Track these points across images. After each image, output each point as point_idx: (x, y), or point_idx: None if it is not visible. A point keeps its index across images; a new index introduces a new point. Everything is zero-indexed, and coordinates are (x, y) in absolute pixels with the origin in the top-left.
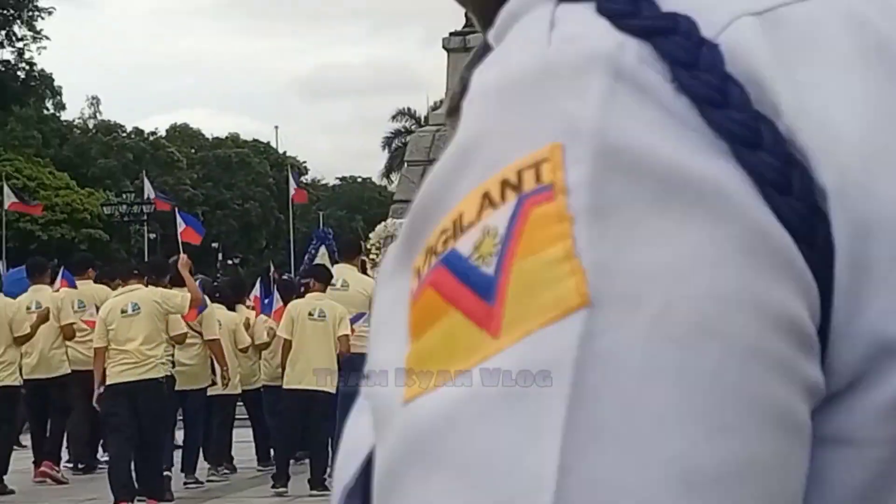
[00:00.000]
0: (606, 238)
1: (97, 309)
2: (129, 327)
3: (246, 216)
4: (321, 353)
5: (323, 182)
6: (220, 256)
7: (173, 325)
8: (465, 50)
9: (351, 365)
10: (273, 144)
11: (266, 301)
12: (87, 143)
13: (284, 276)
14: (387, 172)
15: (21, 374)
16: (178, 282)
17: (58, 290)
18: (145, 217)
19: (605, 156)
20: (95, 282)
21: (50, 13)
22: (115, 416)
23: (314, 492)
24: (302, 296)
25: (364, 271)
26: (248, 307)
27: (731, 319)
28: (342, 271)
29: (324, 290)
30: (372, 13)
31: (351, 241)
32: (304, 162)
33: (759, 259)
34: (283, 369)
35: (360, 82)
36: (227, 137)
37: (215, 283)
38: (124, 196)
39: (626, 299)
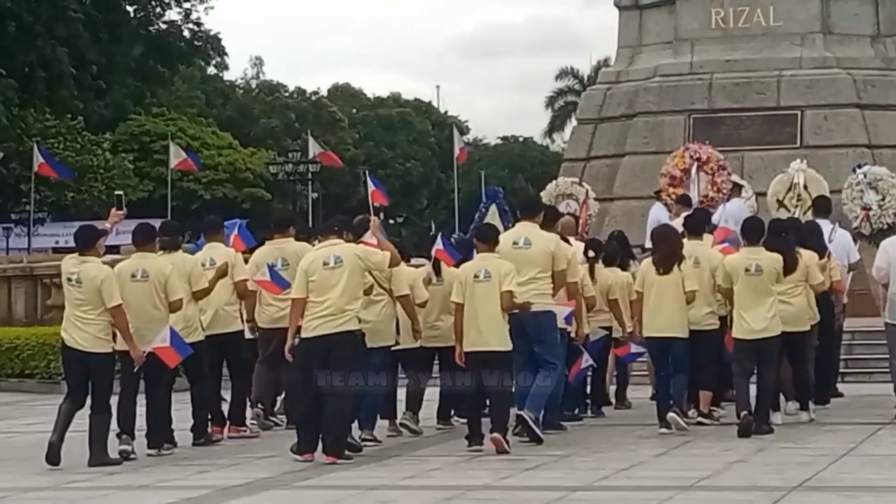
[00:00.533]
0: None
1: (269, 266)
2: (329, 279)
3: (407, 175)
4: (490, 314)
5: (484, 141)
6: (381, 216)
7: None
8: (637, 7)
9: (521, 325)
10: (434, 104)
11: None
12: (250, 103)
13: (457, 235)
14: (549, 132)
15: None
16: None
17: (232, 248)
18: (310, 176)
19: None
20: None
21: None
22: (306, 370)
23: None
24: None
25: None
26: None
27: None
28: (524, 229)
29: (491, 250)
30: None
31: (532, 199)
32: (466, 122)
33: None
34: (458, 333)
35: (522, 41)
36: (388, 97)
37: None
38: (290, 155)
39: None
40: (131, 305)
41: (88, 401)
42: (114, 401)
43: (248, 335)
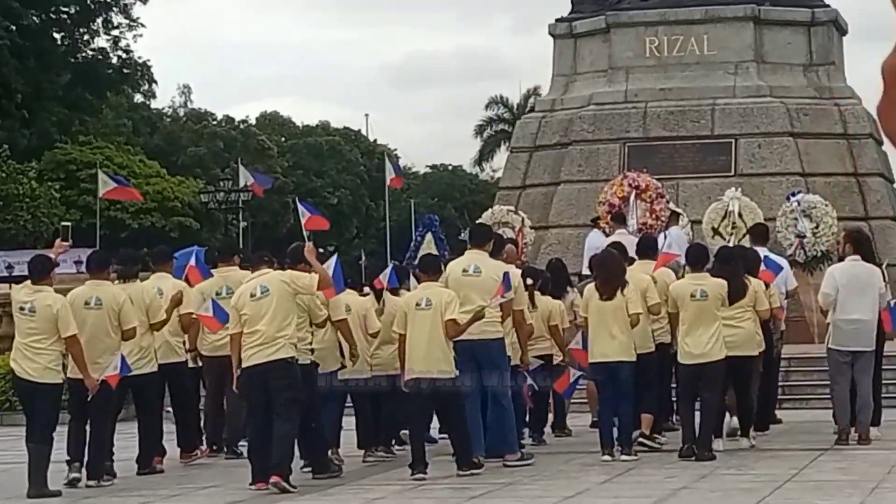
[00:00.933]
0: None
1: (213, 300)
2: (258, 309)
3: (337, 204)
4: (430, 340)
5: (413, 170)
6: (312, 244)
7: (312, 310)
8: (571, 36)
9: (472, 351)
10: (363, 132)
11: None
12: (178, 131)
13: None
14: (479, 160)
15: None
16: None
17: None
18: (241, 205)
19: None
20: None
21: (145, 1)
22: (249, 398)
23: (461, 472)
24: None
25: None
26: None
27: None
28: (474, 257)
29: (434, 280)
30: (459, 2)
31: (483, 227)
32: (395, 150)
33: None
34: (402, 362)
35: (450, 70)
36: (317, 125)
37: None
38: (221, 184)
39: None
40: (84, 333)
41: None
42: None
43: (190, 364)
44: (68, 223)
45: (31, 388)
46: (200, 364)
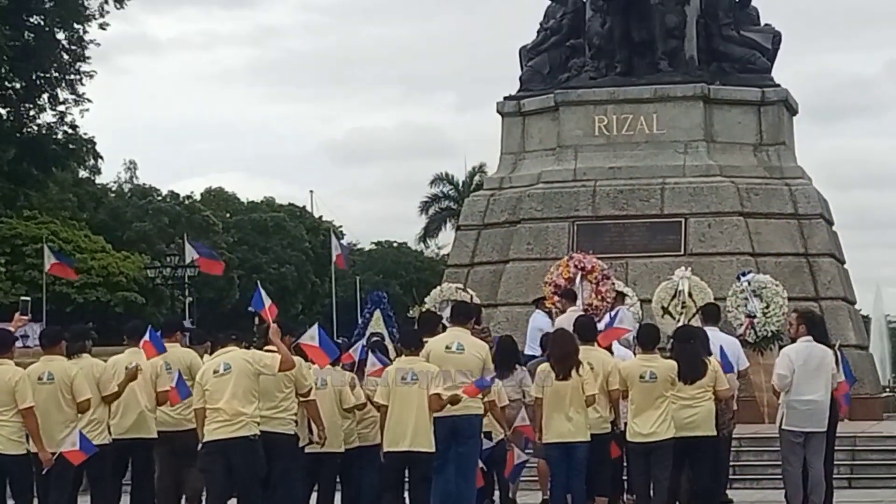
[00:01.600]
0: None
1: (179, 374)
2: (220, 386)
3: (282, 280)
4: (416, 415)
5: (358, 246)
6: (256, 321)
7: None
8: (520, 114)
9: (454, 427)
10: (308, 208)
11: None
12: (123, 206)
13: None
14: (423, 237)
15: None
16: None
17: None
18: (187, 281)
19: None
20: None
21: (91, 77)
22: (210, 472)
23: None
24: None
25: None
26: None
27: None
28: (457, 334)
29: (415, 355)
30: (403, 79)
31: (465, 305)
32: (340, 226)
33: None
34: (383, 433)
35: (393, 146)
36: (262, 201)
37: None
38: (168, 259)
39: None
40: (38, 407)
41: None
42: None
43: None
44: (27, 298)
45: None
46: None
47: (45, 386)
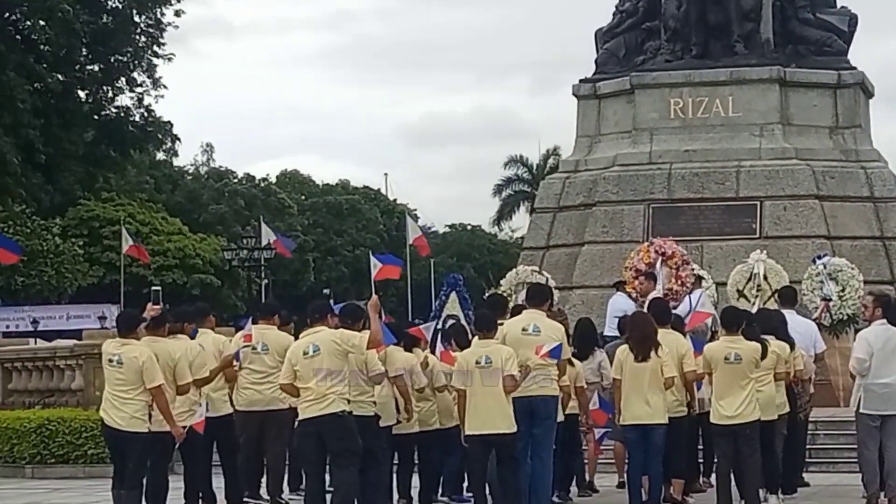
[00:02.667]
0: None
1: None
2: (310, 367)
3: (356, 262)
4: (495, 398)
5: (433, 229)
6: (332, 303)
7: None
8: (595, 97)
9: (530, 407)
10: (382, 191)
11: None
12: (199, 188)
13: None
14: (497, 220)
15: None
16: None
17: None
18: (263, 263)
19: None
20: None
21: (170, 60)
22: (303, 450)
23: None
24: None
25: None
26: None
27: None
28: (533, 316)
29: (490, 337)
30: (477, 64)
31: (540, 287)
32: (415, 210)
33: None
34: (462, 418)
35: (467, 130)
36: (337, 184)
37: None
38: (244, 241)
39: None
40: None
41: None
42: None
43: None
44: (158, 287)
45: (120, 437)
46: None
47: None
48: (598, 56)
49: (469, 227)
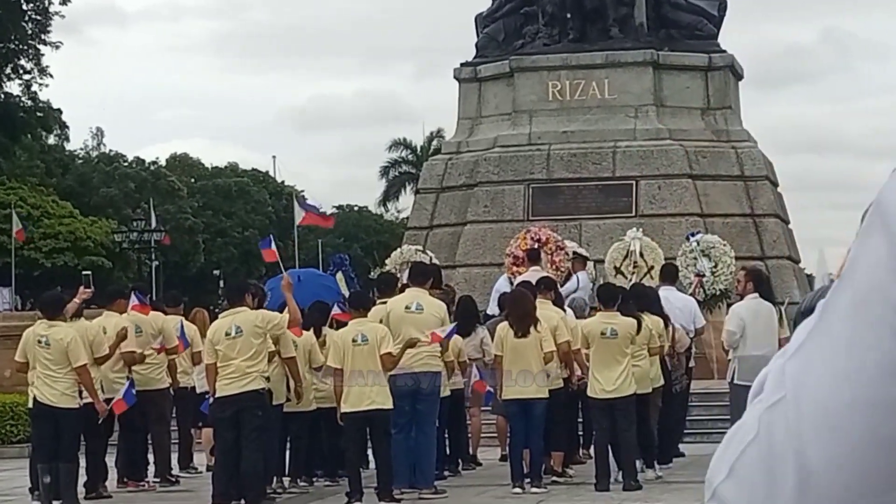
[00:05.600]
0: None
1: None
2: (232, 347)
3: (246, 244)
4: (372, 375)
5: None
6: (220, 283)
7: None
8: (476, 80)
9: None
10: (271, 174)
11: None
12: (90, 172)
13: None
14: (383, 201)
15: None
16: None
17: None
18: (155, 245)
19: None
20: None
21: (57, 47)
22: (220, 425)
23: (382, 503)
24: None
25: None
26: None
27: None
28: (416, 294)
29: (365, 316)
30: (362, 49)
31: (423, 266)
32: (302, 191)
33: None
34: (337, 396)
35: (353, 114)
36: (226, 167)
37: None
38: (134, 224)
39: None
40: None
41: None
42: None
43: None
44: (88, 272)
45: (54, 414)
46: None
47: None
48: (479, 40)
49: (356, 209)
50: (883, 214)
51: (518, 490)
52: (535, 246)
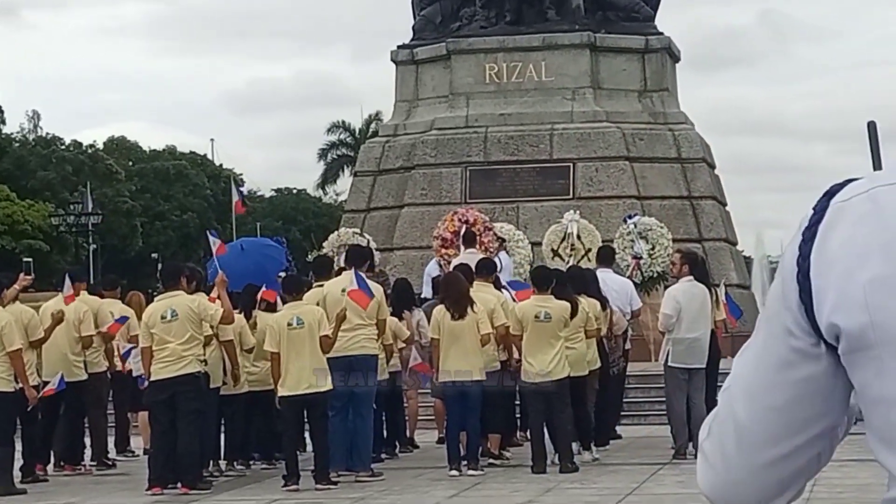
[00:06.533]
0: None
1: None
2: (168, 331)
3: (184, 227)
4: (308, 358)
5: (259, 193)
6: (159, 267)
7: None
8: (413, 62)
9: (350, 366)
10: (209, 157)
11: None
12: (27, 155)
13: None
14: (322, 184)
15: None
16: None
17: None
18: (91, 229)
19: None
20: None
21: None
22: (156, 408)
23: (319, 486)
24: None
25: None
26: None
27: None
28: (352, 277)
29: (299, 299)
30: (300, 31)
31: (360, 249)
32: (241, 174)
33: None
34: (275, 380)
35: (291, 97)
36: (164, 150)
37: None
38: (72, 207)
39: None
40: None
41: None
42: None
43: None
44: (29, 259)
45: None
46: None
47: None
48: (416, 22)
49: (294, 191)
50: (782, 265)
51: (455, 472)
52: (463, 228)
